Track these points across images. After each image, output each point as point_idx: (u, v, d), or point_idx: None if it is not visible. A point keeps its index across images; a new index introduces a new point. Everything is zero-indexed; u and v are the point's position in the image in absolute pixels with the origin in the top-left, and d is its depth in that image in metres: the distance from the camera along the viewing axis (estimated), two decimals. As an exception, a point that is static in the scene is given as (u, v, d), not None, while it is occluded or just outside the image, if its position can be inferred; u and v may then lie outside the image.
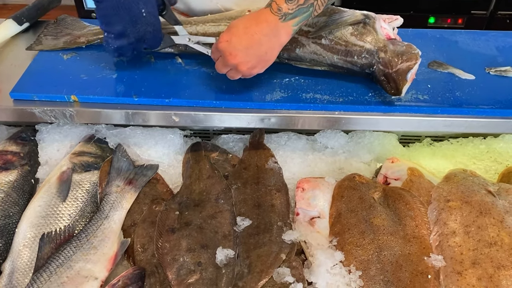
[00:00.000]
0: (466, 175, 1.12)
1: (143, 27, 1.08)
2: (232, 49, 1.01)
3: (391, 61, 1.07)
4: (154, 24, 1.10)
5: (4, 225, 1.04)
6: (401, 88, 1.06)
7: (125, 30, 1.07)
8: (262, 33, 0.99)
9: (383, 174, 1.17)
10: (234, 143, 1.28)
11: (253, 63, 1.03)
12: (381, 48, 1.09)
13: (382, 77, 1.09)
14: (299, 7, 0.99)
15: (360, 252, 0.99)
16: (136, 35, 1.09)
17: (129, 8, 1.05)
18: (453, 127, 1.12)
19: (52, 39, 1.29)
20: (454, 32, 1.38)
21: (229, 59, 1.02)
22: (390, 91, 1.09)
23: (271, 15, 0.99)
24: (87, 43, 1.28)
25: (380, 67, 1.09)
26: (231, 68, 1.05)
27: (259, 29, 0.99)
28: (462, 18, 3.23)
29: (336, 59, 1.13)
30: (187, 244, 1.01)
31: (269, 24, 0.99)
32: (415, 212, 1.05)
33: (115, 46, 1.09)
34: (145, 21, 1.08)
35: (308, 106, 1.12)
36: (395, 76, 1.06)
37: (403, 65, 1.05)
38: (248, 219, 1.07)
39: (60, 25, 1.35)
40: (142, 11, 1.06)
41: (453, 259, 0.96)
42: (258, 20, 1.00)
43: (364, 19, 1.11)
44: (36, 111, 1.12)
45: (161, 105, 1.13)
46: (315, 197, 1.11)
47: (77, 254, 0.97)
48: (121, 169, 1.14)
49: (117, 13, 1.05)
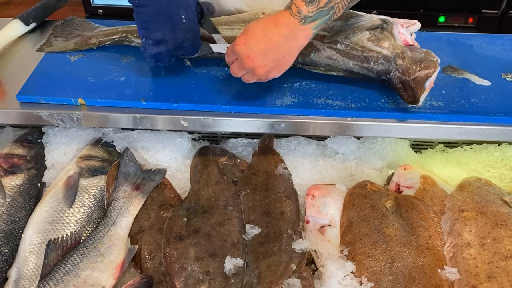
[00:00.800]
0: (481, 184, 1.10)
1: (182, 33, 1.05)
2: (250, 52, 0.98)
3: (409, 68, 1.04)
4: (194, 31, 1.07)
5: (10, 230, 1.03)
6: (418, 96, 1.03)
7: (164, 37, 1.04)
8: (281, 36, 0.96)
9: (395, 182, 1.15)
10: (243, 147, 1.26)
11: (270, 66, 1.00)
12: (399, 55, 1.06)
13: (399, 84, 1.06)
14: (320, 10, 0.95)
15: (372, 263, 0.97)
16: (175, 41, 1.06)
17: (169, 14, 1.01)
18: (468, 135, 1.09)
19: (62, 41, 1.27)
20: (469, 35, 1.34)
21: (246, 62, 0.99)
22: (406, 99, 1.06)
23: (290, 18, 0.96)
24: (99, 44, 1.26)
25: (397, 74, 1.06)
26: (247, 72, 1.02)
27: (277, 31, 0.96)
28: (473, 17, 3.17)
29: (352, 65, 1.10)
30: (195, 253, 1.00)
31: (288, 26, 0.96)
32: (428, 222, 1.03)
33: (153, 52, 1.07)
34: (184, 28, 1.05)
35: (320, 112, 1.09)
36: (412, 84, 1.03)
37: (421, 73, 1.02)
38: (257, 227, 1.05)
39: (69, 26, 1.33)
40: (182, 17, 1.03)
41: (468, 272, 0.94)
42: (277, 22, 0.96)
43: (381, 24, 1.08)
44: (43, 115, 1.11)
45: (169, 109, 1.11)
46: (326, 205, 1.09)
47: (84, 261, 0.96)
48: (128, 174, 1.13)
49: (156, 19, 1.02)
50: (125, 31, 1.26)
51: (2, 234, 1.01)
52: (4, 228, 1.02)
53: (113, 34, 1.27)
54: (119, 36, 1.26)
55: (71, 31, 1.30)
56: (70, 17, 1.36)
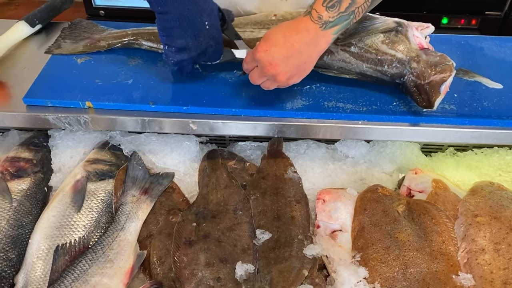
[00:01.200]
0: (494, 188, 1.09)
1: (205, 40, 1.04)
2: (272, 59, 0.96)
3: (424, 72, 1.02)
4: (217, 38, 1.06)
5: (17, 235, 1.01)
6: (433, 101, 1.02)
7: (187, 44, 1.02)
8: (302, 42, 0.95)
9: (407, 186, 1.13)
10: (251, 150, 1.24)
11: (292, 73, 0.99)
12: (414, 58, 1.05)
13: (413, 88, 1.05)
14: (340, 14, 0.95)
15: (385, 269, 0.96)
16: (198, 48, 1.04)
17: (192, 20, 1.00)
18: (481, 139, 1.08)
19: (71, 43, 1.26)
20: (479, 38, 1.33)
21: (268, 69, 0.97)
22: (421, 103, 1.05)
23: (311, 23, 0.95)
24: (108, 47, 1.24)
25: (412, 77, 1.04)
26: (268, 79, 1.01)
27: (299, 37, 0.95)
28: (475, 19, 3.17)
29: (366, 68, 1.09)
30: (206, 258, 0.98)
31: (309, 32, 0.95)
32: (441, 227, 1.01)
33: (175, 59, 1.05)
34: (207, 34, 1.03)
35: (331, 115, 1.08)
36: (427, 88, 1.02)
37: (436, 76, 1.01)
38: (267, 232, 1.04)
39: (77, 28, 1.31)
40: (205, 24, 1.01)
41: (483, 278, 0.93)
42: (298, 28, 0.95)
43: (396, 26, 1.06)
44: (50, 118, 1.09)
45: (178, 113, 1.09)
46: (337, 210, 1.08)
47: (93, 267, 0.94)
48: (136, 178, 1.11)
49: (179, 26, 1.00)
50: (135, 33, 1.25)
51: (9, 240, 1.00)
52: (11, 233, 1.01)
53: (123, 36, 1.25)
54: (128, 39, 1.24)
55: (80, 34, 1.29)
56: (77, 20, 1.34)
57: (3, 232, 1.00)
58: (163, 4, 0.98)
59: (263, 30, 1.16)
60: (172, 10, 0.99)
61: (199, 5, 0.99)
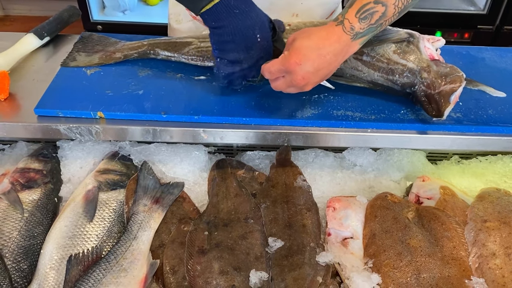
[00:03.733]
0: (501, 194, 1.11)
1: (256, 52, 1.05)
2: (305, 73, 0.97)
3: (434, 82, 1.05)
4: (267, 49, 1.07)
5: (29, 246, 1.01)
6: (443, 110, 1.04)
7: (239, 56, 1.04)
8: (334, 54, 0.97)
9: (415, 193, 1.15)
10: (260, 160, 1.25)
11: (317, 82, 1.01)
12: (424, 68, 1.07)
13: (423, 97, 1.07)
14: (370, 26, 0.96)
15: (398, 275, 0.96)
16: (249, 61, 1.05)
17: (245, 34, 1.01)
18: (488, 146, 1.11)
19: (86, 56, 1.27)
20: (480, 48, 1.37)
21: (299, 81, 0.98)
22: (431, 112, 1.07)
23: (344, 35, 0.96)
24: (124, 58, 1.26)
25: (422, 87, 1.07)
26: (294, 87, 1.02)
27: (332, 50, 0.96)
28: (468, 33, 3.25)
29: (377, 76, 1.11)
30: (219, 266, 0.98)
31: (341, 44, 0.96)
32: (452, 233, 1.03)
33: (226, 72, 1.07)
34: (259, 47, 1.04)
35: (340, 124, 1.10)
36: (437, 98, 1.04)
37: (446, 87, 1.03)
38: (280, 240, 1.04)
39: (89, 42, 1.32)
40: (257, 37, 1.03)
41: (495, 282, 0.94)
42: (331, 40, 0.96)
43: (408, 37, 1.09)
44: (61, 128, 1.10)
45: (189, 122, 1.10)
46: (347, 217, 1.09)
47: (107, 277, 0.94)
48: (147, 188, 1.11)
49: (233, 40, 1.02)
50: (151, 44, 1.27)
51: (21, 250, 0.99)
52: (23, 244, 1.00)
53: (139, 47, 1.27)
54: (144, 50, 1.26)
55: (93, 46, 1.30)
56: (86, 34, 1.36)
57: (15, 242, 1.00)
58: (217, 20, 1.00)
59: None
60: (227, 25, 1.00)
61: (251, 19, 1.01)
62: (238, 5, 1.00)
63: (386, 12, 0.97)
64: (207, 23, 1.03)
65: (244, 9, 1.01)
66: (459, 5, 3.17)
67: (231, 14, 1.00)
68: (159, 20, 3.23)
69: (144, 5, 3.40)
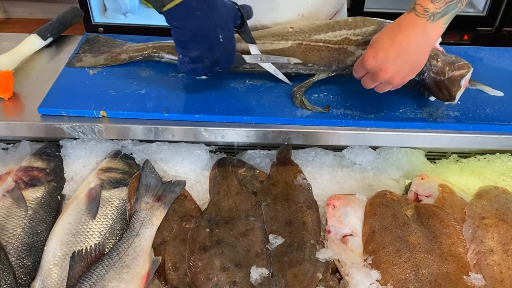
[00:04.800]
0: (499, 192, 1.12)
1: (219, 52, 1.06)
2: (381, 65, 0.97)
3: (443, 68, 1.07)
4: (230, 49, 1.08)
5: (33, 243, 1.02)
6: (454, 94, 1.07)
7: (201, 55, 1.04)
8: (410, 39, 0.96)
9: (414, 191, 1.16)
10: (260, 158, 1.27)
11: (405, 71, 1.00)
12: (433, 56, 1.10)
13: (433, 84, 1.10)
14: (448, 4, 0.95)
15: (397, 271, 0.98)
16: (211, 59, 1.06)
17: (207, 35, 1.02)
18: (485, 144, 1.12)
19: (92, 56, 1.28)
20: (478, 48, 1.38)
21: (380, 75, 0.99)
22: (443, 97, 1.10)
23: (418, 18, 0.95)
24: (129, 59, 1.27)
25: (432, 74, 1.09)
26: (381, 82, 1.02)
27: (405, 36, 0.96)
28: (467, 35, 3.26)
29: None
30: (221, 263, 0.99)
31: (415, 28, 0.96)
32: (450, 229, 1.04)
33: (189, 68, 1.08)
34: (221, 47, 1.05)
35: (340, 122, 1.11)
36: (447, 83, 1.07)
37: (455, 72, 1.06)
38: (280, 237, 1.05)
39: (95, 43, 1.34)
40: (219, 37, 1.03)
41: (493, 278, 0.95)
42: (402, 27, 0.96)
43: None
44: (65, 127, 1.11)
45: (191, 121, 1.12)
46: (347, 215, 1.10)
47: (110, 273, 0.95)
48: (149, 186, 1.13)
49: (194, 40, 1.02)
50: (156, 47, 1.28)
51: (25, 247, 1.01)
52: (27, 241, 1.02)
53: (144, 50, 1.28)
54: (149, 52, 1.28)
55: (99, 48, 1.32)
56: (92, 35, 1.37)
57: (19, 239, 1.01)
58: (179, 20, 1.01)
59: (282, 42, 1.20)
60: (188, 26, 1.00)
61: (213, 20, 1.01)
62: (200, 7, 0.99)
63: None
64: (168, 22, 1.03)
65: (206, 10, 1.00)
66: (459, 7, 3.18)
67: (193, 16, 0.99)
68: (161, 23, 3.25)
69: (145, 7, 3.42)
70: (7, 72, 1.18)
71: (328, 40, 1.19)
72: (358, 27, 1.19)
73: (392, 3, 2.94)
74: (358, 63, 1.03)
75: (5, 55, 1.26)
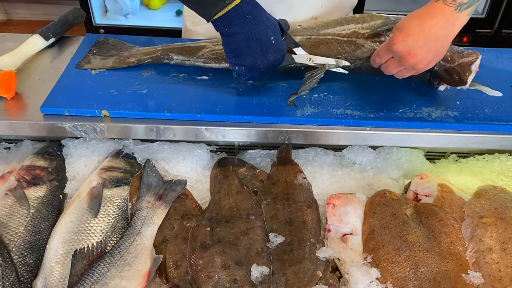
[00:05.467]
0: (497, 191, 1.13)
1: (273, 54, 1.06)
2: (411, 48, 0.98)
3: (452, 56, 1.11)
4: (282, 50, 1.09)
5: (35, 241, 1.03)
6: (466, 78, 1.10)
7: (256, 61, 1.05)
8: (439, 27, 0.97)
9: (413, 191, 1.17)
10: (260, 158, 1.28)
11: (430, 59, 1.01)
12: None
13: (443, 72, 1.13)
14: None
15: (396, 269, 0.98)
16: (266, 63, 1.07)
17: (260, 38, 1.02)
18: (484, 144, 1.13)
19: (100, 59, 1.29)
20: (477, 49, 1.38)
21: (408, 59, 0.99)
22: (453, 82, 1.13)
23: (446, 7, 0.96)
24: (138, 62, 1.28)
25: (442, 62, 1.12)
26: (405, 68, 1.02)
27: (435, 23, 0.97)
28: (467, 36, 3.27)
29: None
30: (222, 261, 1.00)
31: (444, 16, 0.97)
32: (449, 228, 1.04)
33: (247, 77, 1.09)
34: (274, 49, 1.05)
35: (340, 122, 1.12)
36: (458, 69, 1.11)
37: (465, 59, 1.10)
38: (280, 235, 1.06)
39: (104, 46, 1.34)
40: (271, 39, 1.04)
41: (492, 276, 0.96)
42: (432, 14, 0.97)
43: None
44: (67, 126, 1.12)
45: (192, 120, 1.13)
46: (347, 214, 1.11)
47: (112, 270, 0.96)
48: (151, 185, 1.14)
49: (248, 45, 1.02)
50: (165, 49, 1.29)
51: (28, 245, 1.01)
52: (29, 239, 1.02)
53: (152, 53, 1.29)
54: (158, 55, 1.28)
55: (108, 51, 1.32)
56: (102, 38, 1.38)
57: (21, 237, 1.02)
58: (230, 26, 1.01)
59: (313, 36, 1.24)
60: (240, 31, 1.01)
61: (263, 22, 1.02)
62: (250, 10, 1.00)
63: None
64: (219, 30, 1.03)
65: (256, 14, 1.01)
66: (458, 9, 3.19)
67: (244, 20, 1.00)
68: (161, 24, 3.27)
69: (146, 9, 3.44)
70: (9, 71, 1.19)
71: (337, 34, 1.22)
72: (365, 21, 1.22)
73: (392, 4, 2.96)
74: (383, 47, 1.03)
75: (7, 55, 1.27)
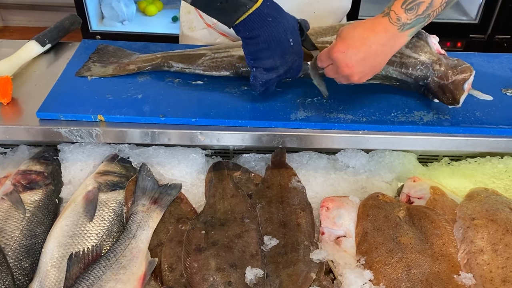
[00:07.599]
0: (489, 193, 1.14)
1: (291, 57, 1.07)
2: (348, 61, 1.00)
3: (446, 73, 1.12)
4: (300, 53, 1.09)
5: (31, 245, 1.04)
6: (458, 98, 1.11)
7: (275, 63, 1.06)
8: (380, 44, 0.99)
9: (406, 193, 1.18)
10: (255, 162, 1.29)
11: (366, 73, 1.03)
12: (436, 61, 1.14)
13: (437, 88, 1.14)
14: (417, 17, 0.98)
15: (389, 271, 0.99)
16: (285, 66, 1.07)
17: (279, 40, 1.03)
18: (475, 147, 1.14)
19: (100, 66, 1.30)
20: (468, 54, 1.41)
21: (343, 70, 1.01)
22: (447, 101, 1.14)
23: (390, 25, 0.98)
24: (138, 70, 1.29)
25: (435, 79, 1.13)
26: (342, 76, 1.05)
27: (377, 39, 0.98)
28: (461, 42, 3.31)
29: (391, 71, 1.16)
30: (216, 264, 1.01)
31: (387, 34, 0.99)
32: (441, 230, 1.06)
33: (264, 80, 1.09)
34: (292, 51, 1.06)
35: (333, 126, 1.14)
36: (451, 87, 1.11)
37: (458, 76, 1.10)
38: (275, 238, 1.07)
39: (104, 53, 1.35)
40: (290, 41, 1.05)
41: (483, 277, 0.97)
42: (376, 30, 0.99)
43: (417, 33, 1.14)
44: (63, 131, 1.13)
45: (187, 125, 1.14)
46: (340, 216, 1.12)
47: (107, 274, 0.96)
48: (146, 188, 1.15)
49: (268, 47, 1.03)
50: (164, 57, 1.30)
51: (23, 249, 1.02)
52: (25, 243, 1.03)
53: (152, 60, 1.30)
54: (158, 62, 1.29)
55: (108, 58, 1.33)
56: (102, 45, 1.39)
57: (17, 241, 1.03)
58: (251, 29, 1.02)
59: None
60: (261, 34, 1.02)
61: (283, 24, 1.03)
62: (270, 13, 1.01)
63: (433, 3, 0.98)
64: (241, 34, 1.04)
65: (276, 15, 1.02)
66: (452, 15, 3.23)
67: (265, 23, 1.01)
68: (158, 30, 3.29)
69: (142, 15, 3.46)
70: (6, 77, 1.20)
71: None
72: None
73: (386, 10, 2.98)
74: (325, 52, 1.04)
75: (4, 61, 1.28)
